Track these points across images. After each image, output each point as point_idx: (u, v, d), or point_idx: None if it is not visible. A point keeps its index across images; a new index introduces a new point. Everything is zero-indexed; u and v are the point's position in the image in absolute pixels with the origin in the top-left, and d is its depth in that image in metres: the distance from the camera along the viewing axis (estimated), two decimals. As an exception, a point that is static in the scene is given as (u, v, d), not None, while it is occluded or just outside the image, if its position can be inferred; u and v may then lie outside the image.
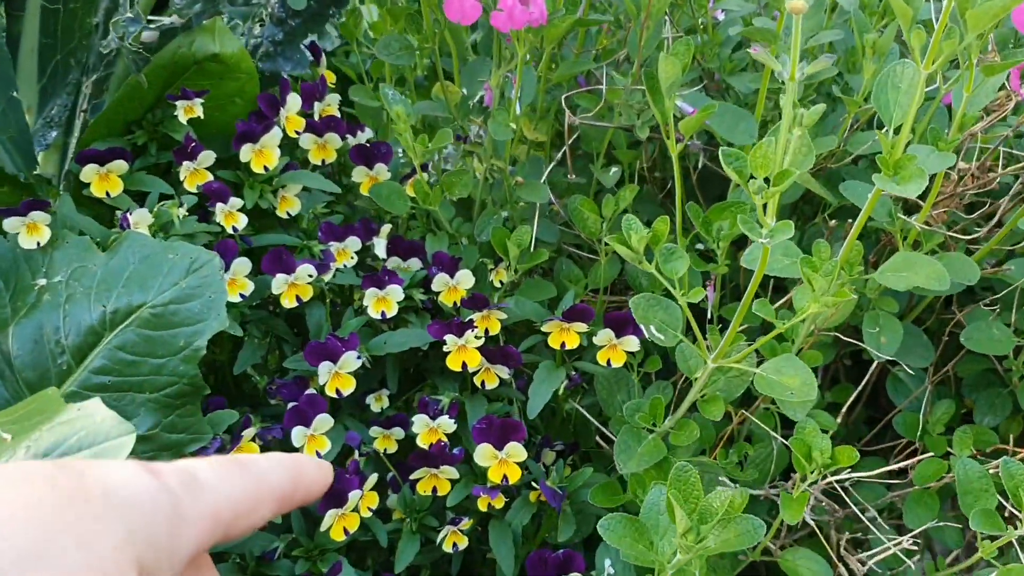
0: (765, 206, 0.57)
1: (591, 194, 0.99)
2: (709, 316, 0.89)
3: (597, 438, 0.89)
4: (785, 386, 0.68)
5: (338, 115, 0.90)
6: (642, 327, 0.72)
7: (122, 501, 0.25)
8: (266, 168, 0.80)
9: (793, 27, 0.49)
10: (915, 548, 0.72)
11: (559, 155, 0.93)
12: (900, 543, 0.74)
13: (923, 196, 0.77)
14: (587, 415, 0.89)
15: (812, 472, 0.69)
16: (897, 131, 0.64)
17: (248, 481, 0.30)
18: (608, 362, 0.83)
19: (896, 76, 0.65)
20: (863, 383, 0.82)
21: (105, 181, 0.76)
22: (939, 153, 0.66)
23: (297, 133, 0.85)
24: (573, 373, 0.87)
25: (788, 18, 0.75)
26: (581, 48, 0.94)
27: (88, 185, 0.77)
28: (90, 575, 0.23)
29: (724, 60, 0.87)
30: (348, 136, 0.93)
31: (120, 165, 0.75)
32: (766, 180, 0.54)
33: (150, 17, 0.84)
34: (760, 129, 0.83)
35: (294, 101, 0.84)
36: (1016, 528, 0.65)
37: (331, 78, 1.01)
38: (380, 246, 0.87)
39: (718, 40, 0.87)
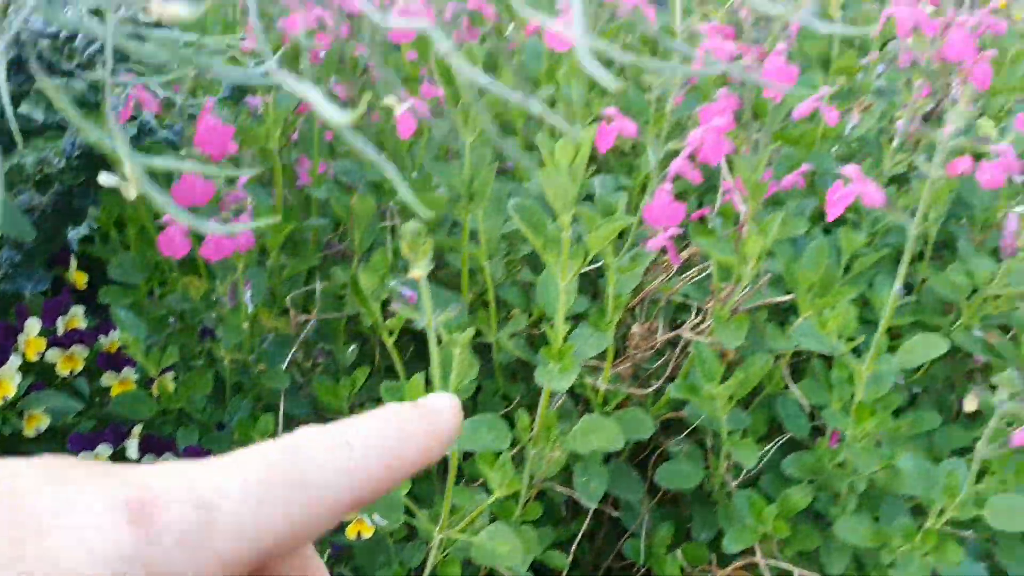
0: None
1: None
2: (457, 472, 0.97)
3: (363, 600, 0.96)
4: (497, 553, 0.77)
5: (83, 325, 0.94)
6: (363, 516, 0.79)
7: None
8: (6, 398, 0.84)
9: (421, 292, 0.58)
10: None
11: (303, 336, 1.00)
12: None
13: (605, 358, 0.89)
14: (352, 580, 0.95)
15: (529, 626, 0.78)
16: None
17: (301, 501, 0.23)
18: (359, 535, 0.89)
19: (553, 277, 0.76)
20: (586, 521, 0.92)
21: None
22: (598, 334, 0.77)
23: (39, 355, 0.89)
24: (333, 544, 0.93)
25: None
26: (316, 238, 1.02)
27: None
28: None
29: (443, 240, 0.97)
30: (101, 336, 0.98)
31: None
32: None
33: None
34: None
35: (32, 325, 0.88)
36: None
37: (81, 280, 1.05)
38: (132, 447, 0.91)
39: (434, 223, 0.97)
